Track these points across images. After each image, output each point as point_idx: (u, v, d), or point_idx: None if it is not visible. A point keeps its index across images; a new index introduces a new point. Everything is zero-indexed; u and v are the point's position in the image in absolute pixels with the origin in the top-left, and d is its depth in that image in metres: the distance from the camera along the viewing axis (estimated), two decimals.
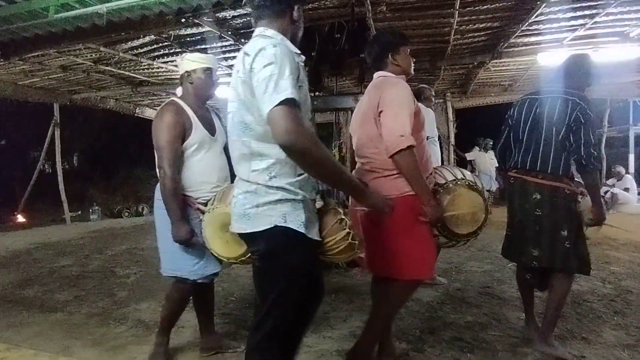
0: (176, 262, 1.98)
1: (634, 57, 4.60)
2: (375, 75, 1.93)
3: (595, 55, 4.52)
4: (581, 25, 4.09)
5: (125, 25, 2.88)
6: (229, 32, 4.03)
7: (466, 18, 3.90)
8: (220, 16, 3.61)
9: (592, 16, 3.86)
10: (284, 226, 1.27)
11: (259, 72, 1.19)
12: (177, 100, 2.01)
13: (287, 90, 1.15)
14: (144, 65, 5.26)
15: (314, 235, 1.35)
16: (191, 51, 4.60)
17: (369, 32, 4.10)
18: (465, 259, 4.11)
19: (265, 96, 1.16)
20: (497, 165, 8.25)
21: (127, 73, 5.62)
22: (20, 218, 7.80)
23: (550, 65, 5.06)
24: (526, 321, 2.43)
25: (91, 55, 4.76)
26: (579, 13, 3.81)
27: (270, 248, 1.30)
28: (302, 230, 1.28)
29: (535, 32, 4.32)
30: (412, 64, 1.96)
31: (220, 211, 1.84)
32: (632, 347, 2.24)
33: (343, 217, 1.50)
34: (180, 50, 4.59)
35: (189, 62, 2.02)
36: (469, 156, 8.90)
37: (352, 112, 3.95)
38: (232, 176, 1.83)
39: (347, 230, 1.49)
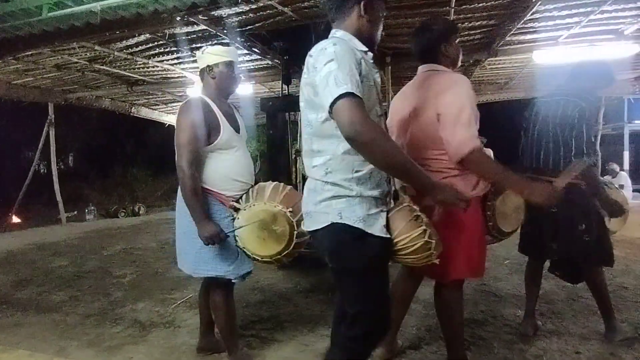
0: (211, 263, 1.90)
1: (628, 55, 4.60)
2: (422, 67, 1.80)
3: (591, 53, 4.56)
4: (576, 23, 4.10)
5: (120, 23, 2.85)
6: (225, 31, 4.01)
7: (462, 16, 3.89)
8: (216, 14, 3.59)
9: (587, 14, 3.87)
10: (341, 223, 1.27)
11: (321, 70, 1.23)
12: (203, 97, 1.93)
13: (346, 84, 1.18)
14: (139, 64, 5.23)
15: (377, 231, 1.31)
16: (192, 49, 4.58)
17: None
18: None
19: (327, 91, 1.20)
20: None
21: (122, 72, 5.59)
22: (15, 219, 7.74)
23: (545, 63, 5.08)
24: (525, 316, 2.45)
25: (86, 54, 4.73)
26: (574, 11, 3.81)
27: (332, 246, 1.32)
28: (359, 226, 1.27)
29: (531, 30, 4.32)
30: (461, 55, 1.84)
31: (258, 208, 1.84)
32: (627, 343, 2.25)
33: (419, 214, 1.41)
34: (175, 49, 4.57)
35: (211, 55, 1.95)
36: None
37: None
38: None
39: (424, 227, 1.39)
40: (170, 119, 9.40)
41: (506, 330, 2.45)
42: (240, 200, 1.93)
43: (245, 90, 6.31)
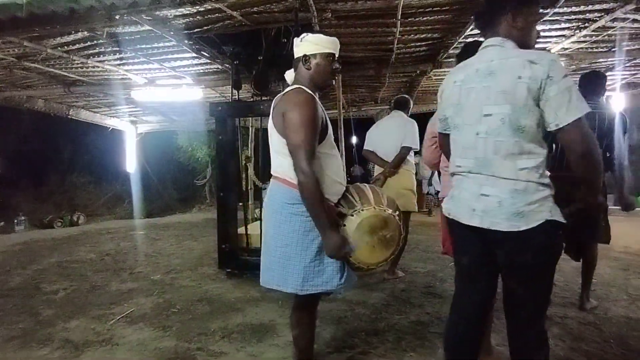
0: (322, 277, 1.67)
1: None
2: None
3: None
4: None
5: (50, 19, 2.64)
6: (172, 33, 3.87)
7: (408, 28, 4.06)
8: (161, 15, 3.45)
9: None
10: (553, 220, 1.34)
11: (559, 82, 1.29)
12: (305, 89, 1.68)
13: (584, 103, 1.30)
14: (77, 64, 4.89)
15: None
16: (131, 50, 4.36)
17: None
18: (410, 260, 4.25)
19: (571, 106, 1.28)
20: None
21: (57, 71, 5.19)
22: None
23: None
24: None
25: (13, 51, 4.33)
26: None
27: (545, 242, 1.37)
28: (562, 220, 1.36)
29: None
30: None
31: (369, 213, 1.69)
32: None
33: None
34: (118, 49, 4.32)
35: (310, 44, 1.72)
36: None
37: None
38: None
39: None
40: (113, 122, 8.89)
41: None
42: (340, 204, 1.75)
43: (195, 94, 6.13)
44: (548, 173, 1.40)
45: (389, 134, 3.72)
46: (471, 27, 3.91)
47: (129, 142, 9.52)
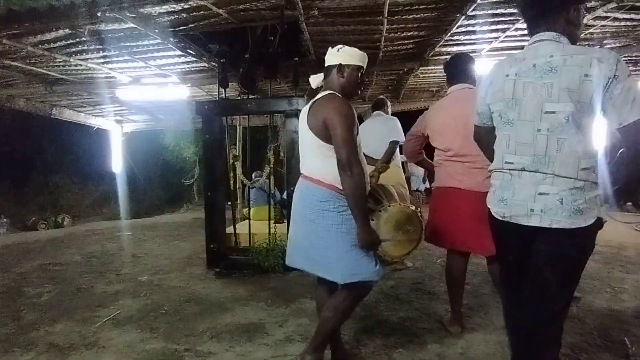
0: (360, 266, 1.80)
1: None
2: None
3: None
4: (495, 37, 4.48)
5: (30, 15, 2.57)
6: (156, 30, 3.80)
7: (395, 26, 4.07)
8: (145, 12, 3.39)
9: (504, 30, 4.24)
10: (601, 217, 1.40)
11: (624, 81, 1.30)
12: (340, 96, 1.84)
13: None
14: (59, 62, 4.78)
15: None
16: (114, 48, 4.28)
17: (303, 36, 4.13)
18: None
19: (633, 104, 1.30)
20: None
21: (39, 70, 5.06)
22: None
23: None
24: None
25: None
26: (492, 27, 4.15)
27: (590, 239, 1.42)
28: (607, 218, 1.43)
29: (457, 42, 4.64)
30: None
31: (395, 209, 1.85)
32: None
33: None
34: (100, 47, 4.24)
35: (346, 55, 1.88)
36: (401, 158, 9.33)
37: (286, 115, 3.95)
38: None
39: None
40: (98, 121, 8.72)
41: (438, 326, 2.57)
42: (368, 200, 1.85)
43: (181, 93, 6.05)
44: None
45: (374, 133, 3.84)
46: (457, 25, 3.95)
47: (114, 141, 9.35)
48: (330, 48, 1.93)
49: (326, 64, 1.93)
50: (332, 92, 1.85)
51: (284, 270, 3.81)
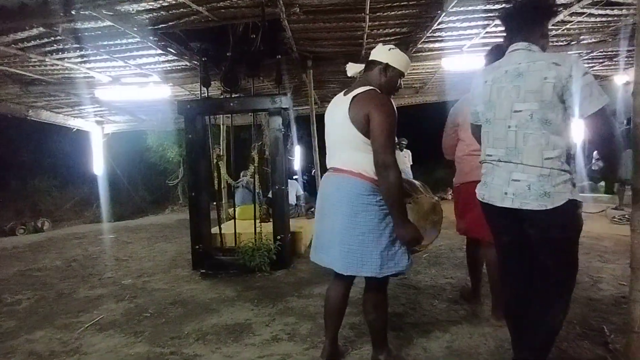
0: (396, 258, 1.83)
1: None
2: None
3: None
4: (476, 34, 4.54)
5: None
6: (135, 28, 3.73)
7: (377, 23, 4.09)
8: (123, 10, 3.32)
9: (484, 27, 4.30)
10: (573, 199, 1.56)
11: (580, 79, 1.49)
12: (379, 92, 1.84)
13: (604, 96, 1.49)
14: (34, 62, 4.64)
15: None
16: (92, 47, 4.18)
17: (285, 33, 4.10)
18: None
19: (592, 99, 1.49)
20: (411, 162, 8.86)
21: (12, 70, 4.91)
22: None
23: (453, 70, 5.54)
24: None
25: None
26: (473, 23, 4.21)
27: (569, 218, 1.59)
28: (580, 199, 1.59)
29: (439, 39, 4.69)
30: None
31: (424, 201, 1.96)
32: None
33: None
34: (77, 46, 4.13)
35: (395, 57, 1.87)
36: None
37: (269, 113, 3.92)
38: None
39: None
40: (77, 123, 8.51)
41: (424, 320, 2.60)
42: None
43: (163, 92, 5.95)
44: (570, 162, 1.61)
45: None
46: (438, 22, 3.98)
47: (95, 143, 9.15)
48: (380, 44, 1.94)
49: (371, 58, 1.91)
50: (374, 88, 1.84)
51: (270, 270, 3.80)
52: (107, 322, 2.84)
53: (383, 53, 1.89)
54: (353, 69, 1.99)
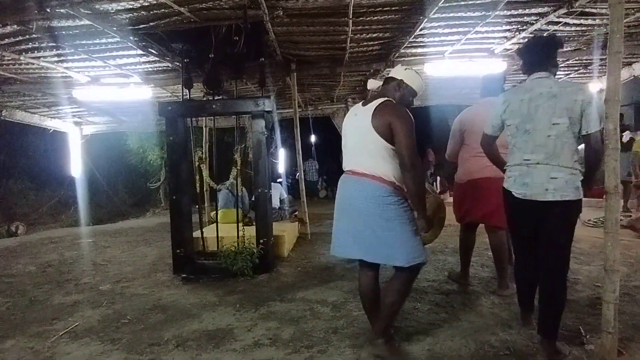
0: (418, 250, 2.04)
1: (499, 70, 5.33)
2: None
3: (470, 68, 5.17)
4: (457, 40, 4.62)
5: None
6: (115, 28, 3.65)
7: (360, 27, 4.11)
8: (102, 9, 3.25)
9: (465, 33, 4.38)
10: (579, 193, 2.05)
11: (591, 104, 1.98)
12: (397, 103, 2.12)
13: (599, 120, 1.99)
14: (8, 60, 4.49)
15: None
16: (75, 46, 4.07)
17: (268, 36, 4.08)
18: None
19: (595, 120, 1.98)
20: None
21: None
22: None
23: (435, 75, 5.62)
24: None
25: None
26: (454, 30, 4.28)
27: (579, 206, 2.07)
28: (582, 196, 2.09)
29: (421, 44, 4.75)
30: None
31: (433, 199, 2.28)
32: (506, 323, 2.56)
33: None
34: (54, 44, 4.01)
35: (410, 77, 2.15)
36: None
37: (252, 116, 3.89)
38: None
39: None
40: (54, 123, 8.27)
41: (406, 324, 2.60)
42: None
43: (144, 93, 5.84)
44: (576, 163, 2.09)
45: None
46: (420, 28, 4.04)
47: (73, 144, 8.90)
48: (400, 65, 2.40)
49: (389, 75, 2.20)
50: (389, 98, 2.10)
51: (253, 274, 3.76)
52: (82, 330, 2.76)
53: (400, 72, 2.18)
54: (373, 84, 2.29)
